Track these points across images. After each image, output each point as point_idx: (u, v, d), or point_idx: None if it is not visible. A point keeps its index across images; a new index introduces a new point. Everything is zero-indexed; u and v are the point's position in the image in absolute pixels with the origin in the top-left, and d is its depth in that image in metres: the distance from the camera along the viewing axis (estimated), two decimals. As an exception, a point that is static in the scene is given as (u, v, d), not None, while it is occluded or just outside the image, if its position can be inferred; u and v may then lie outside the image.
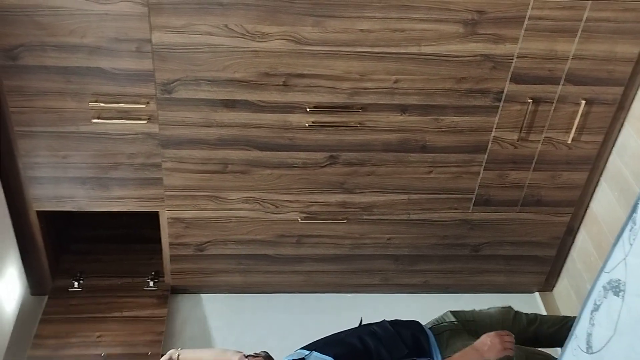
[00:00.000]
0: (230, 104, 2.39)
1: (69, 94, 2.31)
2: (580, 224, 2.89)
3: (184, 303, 3.00)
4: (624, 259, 1.88)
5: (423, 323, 2.31)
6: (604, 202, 2.72)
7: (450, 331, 2.27)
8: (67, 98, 2.32)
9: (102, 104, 2.33)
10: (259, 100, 2.39)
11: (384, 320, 2.24)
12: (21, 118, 2.36)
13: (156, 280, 2.96)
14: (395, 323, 2.23)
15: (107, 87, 2.31)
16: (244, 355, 2.09)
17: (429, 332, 2.23)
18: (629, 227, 1.93)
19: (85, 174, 2.53)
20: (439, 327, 2.29)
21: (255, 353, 2.10)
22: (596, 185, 2.76)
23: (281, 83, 2.37)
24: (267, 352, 2.11)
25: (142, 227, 3.06)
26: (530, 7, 2.25)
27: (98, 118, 2.36)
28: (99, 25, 2.17)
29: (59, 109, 2.35)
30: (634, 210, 1.94)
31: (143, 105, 2.35)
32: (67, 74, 2.27)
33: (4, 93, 2.30)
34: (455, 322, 2.31)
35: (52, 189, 2.56)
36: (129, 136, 2.43)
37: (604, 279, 2.03)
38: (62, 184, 2.55)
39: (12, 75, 2.26)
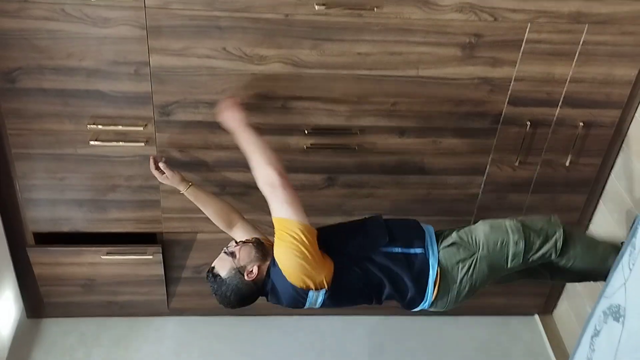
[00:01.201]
0: (228, 126, 2.39)
1: (67, 117, 2.32)
2: (579, 246, 2.88)
3: (182, 326, 2.97)
4: (624, 283, 1.87)
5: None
6: (603, 225, 2.71)
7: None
8: (65, 120, 2.32)
9: (100, 127, 2.33)
10: (258, 123, 2.39)
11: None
12: (19, 140, 2.36)
13: (153, 303, 2.94)
14: (391, 218, 2.25)
15: (105, 109, 2.31)
16: (235, 242, 2.15)
17: (428, 227, 2.22)
18: (628, 251, 1.93)
19: (82, 196, 2.52)
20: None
21: (246, 239, 2.17)
22: (595, 207, 2.76)
23: (280, 105, 2.37)
24: (257, 238, 2.17)
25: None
26: (527, 30, 2.26)
27: (96, 140, 2.36)
28: (97, 49, 2.17)
29: (56, 132, 2.35)
30: (633, 234, 1.94)
31: (141, 128, 2.35)
32: (65, 96, 2.27)
33: (2, 115, 2.30)
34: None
35: (49, 210, 2.55)
36: (126, 158, 2.42)
37: (604, 304, 2.02)
38: (59, 205, 2.54)
39: (10, 98, 2.26)
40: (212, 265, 2.10)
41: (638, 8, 2.24)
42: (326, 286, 2.03)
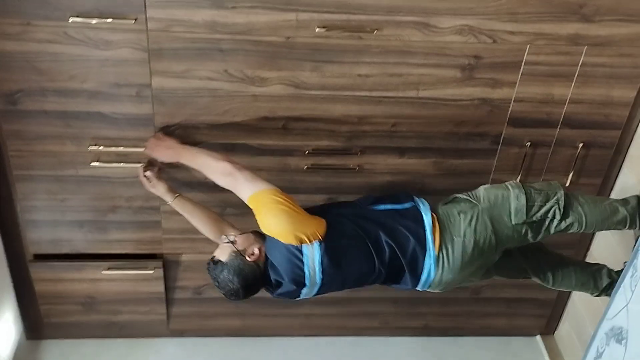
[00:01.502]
0: (229, 147, 2.39)
1: (68, 138, 2.32)
2: (580, 267, 2.87)
3: (182, 348, 2.96)
4: (626, 306, 1.87)
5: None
6: (604, 245, 2.71)
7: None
8: (67, 142, 2.33)
9: (101, 148, 2.34)
10: (259, 144, 2.40)
11: None
12: (20, 162, 2.36)
13: (153, 324, 2.92)
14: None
15: (107, 130, 2.32)
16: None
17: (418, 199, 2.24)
18: (629, 273, 1.93)
19: (83, 217, 2.52)
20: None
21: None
22: (596, 227, 2.75)
23: (280, 126, 2.38)
24: (254, 230, 2.15)
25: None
26: (526, 52, 2.28)
27: (97, 161, 2.36)
28: (99, 71, 2.19)
29: (58, 153, 2.35)
30: (634, 256, 1.94)
31: (142, 149, 2.35)
32: (67, 118, 2.28)
33: (4, 137, 2.31)
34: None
35: (50, 232, 2.55)
36: (127, 179, 2.43)
37: (606, 326, 2.01)
38: (59, 227, 2.54)
39: (12, 119, 2.27)
40: (213, 254, 2.10)
41: (635, 30, 2.26)
42: (320, 237, 2.03)
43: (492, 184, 2.31)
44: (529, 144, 2.48)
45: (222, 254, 2.08)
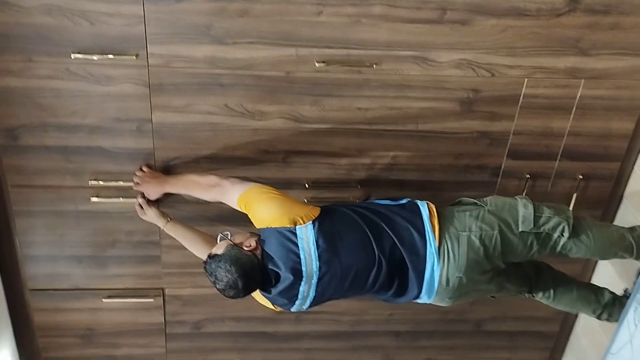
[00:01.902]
0: (229, 181, 2.39)
1: (69, 173, 2.32)
2: (583, 299, 2.85)
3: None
4: (630, 340, 1.85)
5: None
6: (606, 276, 2.69)
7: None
8: (67, 177, 2.33)
9: (101, 182, 2.34)
10: (258, 177, 2.39)
11: None
12: (20, 197, 2.36)
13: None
14: None
15: (107, 165, 2.32)
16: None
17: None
18: (633, 307, 1.91)
19: (82, 252, 2.51)
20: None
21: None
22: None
23: (280, 160, 2.38)
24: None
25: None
26: (524, 86, 2.30)
27: (97, 197, 2.36)
28: (100, 106, 2.20)
29: (57, 188, 2.35)
30: (637, 289, 1.93)
31: (132, 185, 2.34)
32: (68, 153, 2.28)
33: (4, 172, 2.30)
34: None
35: (49, 267, 2.53)
36: (127, 214, 2.42)
37: (610, 361, 1.99)
38: (58, 262, 2.52)
39: (13, 154, 2.27)
40: (209, 252, 2.06)
41: (632, 64, 2.28)
42: (312, 217, 2.02)
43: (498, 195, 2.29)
44: (528, 176, 2.49)
45: (219, 248, 2.03)
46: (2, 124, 2.21)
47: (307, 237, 2.01)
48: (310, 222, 2.02)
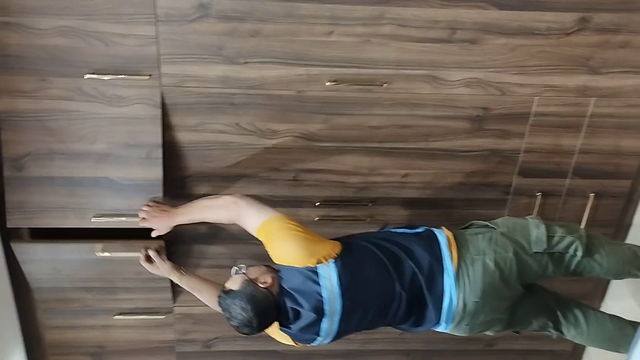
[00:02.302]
0: (240, 199, 2.39)
1: (72, 209, 2.26)
2: (595, 317, 2.83)
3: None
4: (645, 360, 1.83)
5: None
6: (619, 295, 2.67)
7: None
8: (69, 215, 2.27)
9: (104, 219, 2.27)
10: (270, 195, 2.40)
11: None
12: (20, 249, 2.32)
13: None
14: None
15: (112, 200, 2.26)
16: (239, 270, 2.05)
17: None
18: (648, 326, 1.89)
19: (91, 284, 2.49)
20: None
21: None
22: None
23: (291, 178, 2.39)
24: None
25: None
26: (534, 104, 2.30)
27: (102, 252, 2.32)
28: (110, 129, 2.18)
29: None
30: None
31: (138, 220, 2.25)
32: (72, 185, 2.23)
33: (6, 209, 2.24)
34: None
35: (59, 293, 2.50)
36: (135, 260, 2.30)
37: (625, 382, 1.96)
38: (67, 292, 2.50)
39: (16, 187, 2.21)
40: (223, 286, 2.02)
41: (643, 82, 2.29)
42: (335, 255, 1.98)
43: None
44: (539, 194, 2.48)
45: (234, 284, 1.98)
46: (9, 152, 2.18)
47: (329, 275, 1.97)
48: (332, 260, 1.99)
